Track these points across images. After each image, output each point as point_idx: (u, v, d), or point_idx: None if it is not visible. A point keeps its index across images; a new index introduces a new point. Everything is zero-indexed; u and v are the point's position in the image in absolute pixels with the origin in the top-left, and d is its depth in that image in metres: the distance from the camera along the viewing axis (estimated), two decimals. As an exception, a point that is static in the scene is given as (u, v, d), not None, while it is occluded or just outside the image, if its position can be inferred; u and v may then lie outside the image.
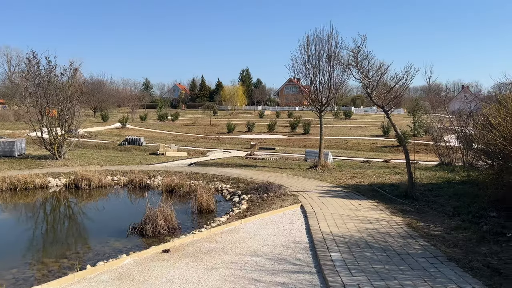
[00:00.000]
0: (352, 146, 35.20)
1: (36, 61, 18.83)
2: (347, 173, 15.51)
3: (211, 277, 5.76)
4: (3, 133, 32.39)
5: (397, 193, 11.30)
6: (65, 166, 16.90)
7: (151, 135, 42.65)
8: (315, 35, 16.11)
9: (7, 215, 11.25)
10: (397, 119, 35.54)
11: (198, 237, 7.68)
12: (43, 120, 18.70)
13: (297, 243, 7.30)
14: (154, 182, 14.43)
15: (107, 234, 8.98)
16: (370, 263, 6.14)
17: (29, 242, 8.78)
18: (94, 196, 13.35)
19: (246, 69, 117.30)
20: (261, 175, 14.76)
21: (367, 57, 11.80)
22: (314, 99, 16.77)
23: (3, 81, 76.86)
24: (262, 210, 9.79)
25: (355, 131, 47.02)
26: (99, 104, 66.32)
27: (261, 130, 49.46)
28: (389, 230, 7.96)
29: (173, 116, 63.77)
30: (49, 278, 6.37)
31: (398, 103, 12.94)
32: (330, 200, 10.64)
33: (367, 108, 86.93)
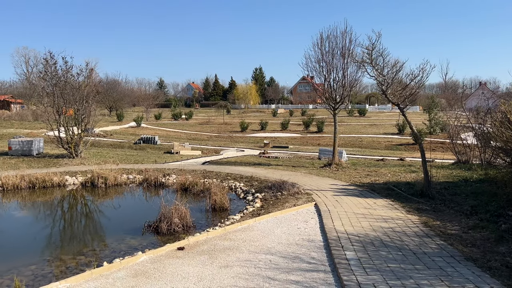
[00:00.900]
0: (366, 144, 34.89)
1: (53, 62, 19.17)
2: (361, 171, 15.38)
3: (225, 275, 5.79)
4: (22, 132, 33.09)
5: (413, 191, 11.15)
6: (81, 165, 17.18)
7: (165, 134, 43.03)
8: (329, 33, 16.03)
9: (26, 213, 11.51)
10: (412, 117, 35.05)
11: (212, 235, 7.73)
12: (60, 119, 19.02)
13: (311, 242, 7.28)
14: (169, 181, 14.56)
15: (123, 231, 9.11)
16: (386, 262, 6.08)
17: (47, 239, 8.97)
18: (110, 194, 13.55)
19: (259, 68, 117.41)
20: (274, 174, 14.76)
21: (381, 54, 11.68)
22: (328, 97, 16.67)
23: (22, 82, 78.40)
24: (275, 209, 9.78)
25: (369, 129, 46.58)
26: (114, 103, 67.22)
27: (274, 129, 49.41)
28: (404, 229, 7.87)
29: (187, 115, 64.22)
30: (67, 274, 6.50)
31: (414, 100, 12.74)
32: (345, 199, 10.57)
33: (382, 106, 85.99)
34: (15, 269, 6.77)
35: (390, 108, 78.24)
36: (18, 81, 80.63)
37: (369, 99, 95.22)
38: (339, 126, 18.91)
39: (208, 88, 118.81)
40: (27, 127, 39.40)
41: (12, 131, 35.24)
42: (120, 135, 39.26)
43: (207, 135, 45.50)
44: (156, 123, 56.52)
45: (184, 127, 52.63)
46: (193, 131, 48.46)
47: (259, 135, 44.18)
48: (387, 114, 69.38)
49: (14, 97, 68.91)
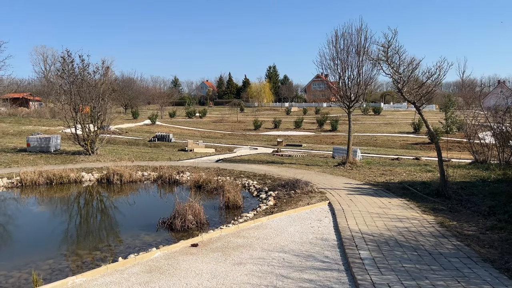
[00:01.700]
0: (381, 143, 34.51)
1: (70, 60, 19.49)
2: (376, 170, 15.23)
3: (238, 272, 5.80)
4: (40, 129, 33.75)
5: (429, 191, 10.99)
6: (97, 162, 17.43)
7: (179, 132, 43.33)
8: (344, 30, 15.90)
9: (43, 208, 11.73)
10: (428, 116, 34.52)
11: (225, 232, 7.75)
12: (77, 117, 19.34)
13: (325, 241, 7.24)
14: (183, 178, 14.66)
15: (137, 227, 9.21)
16: (401, 262, 6.01)
17: (64, 234, 9.13)
18: (125, 190, 13.71)
19: (273, 66, 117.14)
20: (288, 172, 14.72)
21: (397, 52, 11.52)
22: (343, 95, 16.55)
23: (40, 80, 79.91)
24: (289, 207, 9.76)
25: (384, 127, 46.06)
26: (129, 101, 67.98)
27: (287, 127, 49.28)
28: (420, 229, 7.76)
29: (201, 113, 64.55)
30: (83, 269, 6.61)
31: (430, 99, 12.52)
32: (359, 198, 10.48)
33: (397, 105, 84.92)
34: (33, 263, 6.91)
35: (406, 106, 77.27)
36: (37, 79, 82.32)
37: (384, 97, 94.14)
38: (353, 125, 18.75)
39: (222, 87, 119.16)
40: (45, 124, 40.16)
41: (30, 128, 35.98)
42: (135, 132, 39.70)
43: (220, 133, 45.65)
44: (170, 121, 56.97)
45: (198, 125, 52.92)
46: (206, 129, 48.68)
47: (273, 133, 44.12)
48: (403, 112, 68.49)
49: (32, 94, 70.36)
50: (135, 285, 5.39)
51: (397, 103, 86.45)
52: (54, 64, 74.10)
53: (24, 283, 6.12)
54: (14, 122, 41.02)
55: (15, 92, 66.76)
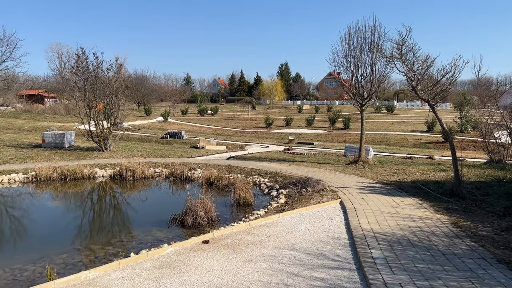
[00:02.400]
0: (394, 142, 34.16)
1: (84, 57, 19.71)
2: (389, 169, 15.08)
3: (249, 269, 5.81)
4: (54, 125, 34.27)
5: (442, 190, 10.84)
6: (110, 158, 17.63)
7: (191, 129, 43.54)
8: (357, 27, 15.75)
9: (58, 203, 11.91)
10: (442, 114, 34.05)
11: (236, 229, 7.77)
12: (90, 113, 19.58)
13: (336, 239, 7.20)
14: (194, 175, 14.73)
15: (149, 223, 9.29)
16: (413, 262, 5.94)
17: (78, 229, 9.25)
18: (137, 187, 13.84)
19: (285, 63, 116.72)
20: (299, 170, 14.68)
21: (412, 49, 11.36)
22: (355, 93, 16.41)
23: (55, 77, 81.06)
24: (300, 205, 9.73)
25: (397, 126, 45.58)
26: (142, 98, 68.51)
27: (299, 125, 49.12)
28: (433, 228, 7.66)
29: (213, 110, 64.74)
30: (95, 264, 6.70)
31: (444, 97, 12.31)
32: (371, 197, 10.40)
33: (411, 103, 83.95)
34: (47, 257, 7.02)
35: (420, 105, 76.35)
36: (52, 76, 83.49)
37: (397, 95, 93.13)
38: (366, 123, 18.59)
39: (234, 84, 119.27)
40: (60, 120, 40.76)
41: (45, 124, 36.56)
42: (147, 129, 40.02)
43: (232, 130, 45.73)
44: (182, 118, 57.27)
45: (210, 122, 53.10)
46: (218, 127, 48.81)
47: (284, 131, 44.02)
48: (416, 111, 67.67)
49: (47, 91, 71.44)
50: (146, 280, 5.44)
51: (411, 102, 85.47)
52: (69, 61, 75.16)
53: (39, 277, 6.23)
54: (30, 118, 41.73)
55: (30, 88, 67.92)
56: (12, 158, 16.83)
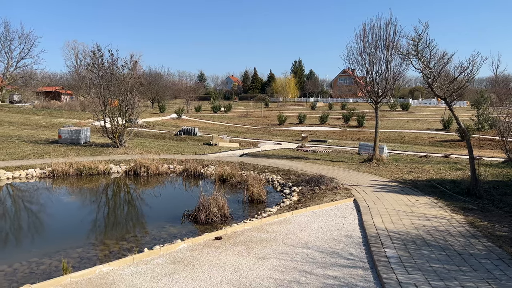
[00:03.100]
0: (409, 140, 33.73)
1: (100, 54, 19.93)
2: (403, 167, 14.89)
3: (262, 266, 5.80)
4: (71, 122, 34.82)
5: (458, 190, 10.66)
6: (125, 154, 17.82)
7: (205, 126, 43.73)
8: (372, 24, 15.55)
9: (73, 198, 12.11)
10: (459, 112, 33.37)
11: (249, 226, 7.77)
12: (105, 110, 19.80)
13: (350, 238, 7.14)
14: (208, 171, 14.80)
15: (163, 219, 9.36)
16: (428, 262, 5.85)
17: (93, 224, 9.39)
18: (151, 183, 13.97)
19: (298, 60, 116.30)
20: (312, 168, 14.61)
21: (428, 46, 11.16)
22: (370, 90, 16.23)
23: (71, 74, 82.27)
24: (313, 203, 9.68)
25: (412, 124, 44.99)
26: (156, 95, 69.09)
27: (312, 122, 48.89)
28: (449, 228, 7.54)
29: (226, 107, 64.88)
30: (110, 258, 6.78)
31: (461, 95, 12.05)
32: (385, 195, 10.28)
33: (426, 101, 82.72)
34: (63, 251, 7.14)
35: (436, 102, 75.18)
36: (68, 73, 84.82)
37: (412, 93, 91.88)
38: (380, 121, 18.39)
39: (247, 81, 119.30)
40: (76, 117, 41.39)
41: (62, 120, 37.19)
42: (161, 126, 40.35)
43: (245, 127, 45.77)
44: (196, 115, 57.55)
45: (223, 119, 53.24)
46: (231, 124, 48.91)
47: (297, 128, 43.87)
48: (432, 109, 66.66)
49: (64, 88, 72.64)
50: (160, 275, 5.49)
51: (426, 99, 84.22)
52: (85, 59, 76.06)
53: (55, 270, 6.33)
54: (47, 115, 42.49)
55: (48, 85, 69.15)
56: (29, 153, 17.16)
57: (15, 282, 5.93)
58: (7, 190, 12.58)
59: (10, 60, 49.14)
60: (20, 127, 31.11)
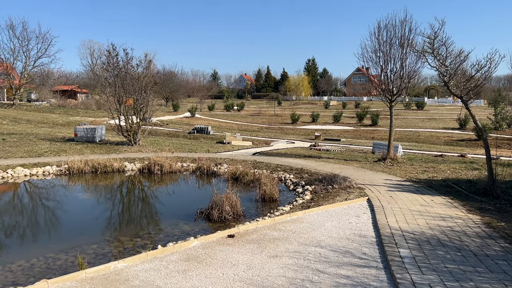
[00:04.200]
0: (424, 139, 33.28)
1: (115, 54, 20.19)
2: (418, 167, 14.70)
3: (274, 265, 5.80)
4: (86, 120, 35.35)
5: (475, 190, 10.48)
6: (139, 152, 18.02)
7: (218, 125, 43.90)
8: (387, 22, 15.35)
9: (89, 195, 12.30)
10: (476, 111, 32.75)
11: (262, 225, 7.78)
12: (120, 108, 20.04)
13: (363, 237, 7.09)
14: (220, 170, 14.85)
15: (176, 217, 9.45)
16: (443, 262, 5.77)
17: (107, 221, 9.52)
18: (165, 180, 14.09)
19: (312, 59, 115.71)
20: (325, 167, 14.53)
21: (444, 44, 10.98)
22: (384, 88, 16.05)
23: (87, 73, 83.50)
24: (326, 202, 9.64)
25: (428, 123, 44.37)
26: (170, 94, 69.64)
27: (326, 121, 48.63)
28: (464, 228, 7.41)
29: (239, 106, 65.01)
30: (124, 255, 6.88)
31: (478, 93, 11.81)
32: (399, 195, 10.17)
33: (442, 99, 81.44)
34: (79, 247, 7.27)
35: (452, 101, 74.00)
36: (84, 72, 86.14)
37: (428, 91, 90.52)
38: (395, 120, 18.18)
39: (260, 80, 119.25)
40: (91, 115, 42.00)
41: (77, 119, 37.77)
42: (175, 124, 40.65)
43: (257, 126, 45.78)
44: (209, 113, 57.82)
45: (236, 118, 53.36)
46: (244, 122, 48.98)
47: (310, 127, 43.69)
48: (448, 107, 65.62)
49: (80, 87, 73.77)
50: (173, 272, 5.54)
51: (442, 98, 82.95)
52: (100, 58, 77.19)
53: (71, 266, 6.45)
54: (63, 113, 43.22)
55: (64, 84, 70.22)
56: (46, 151, 17.49)
57: (32, 277, 6.06)
58: (24, 187, 12.85)
59: (28, 59, 50.09)
60: (37, 125, 31.72)
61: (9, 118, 33.91)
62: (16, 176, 13.55)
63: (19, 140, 20.52)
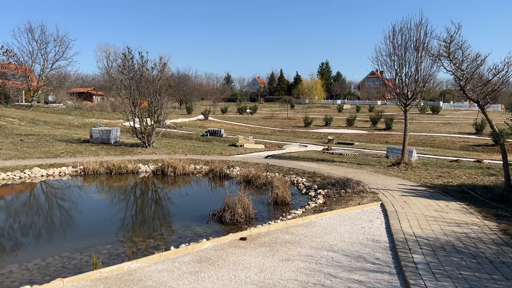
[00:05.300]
0: (439, 144, 32.81)
1: (130, 57, 20.46)
2: (433, 172, 14.51)
3: (286, 268, 5.80)
4: (101, 122, 35.88)
5: (491, 196, 10.29)
6: (153, 154, 18.20)
7: (230, 127, 44.05)
8: (402, 25, 15.22)
9: (103, 196, 12.47)
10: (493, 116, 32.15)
11: (274, 228, 7.78)
12: (135, 111, 20.29)
13: (376, 242, 7.02)
14: (233, 172, 14.90)
15: (189, 218, 9.51)
16: (458, 269, 5.68)
17: (121, 222, 9.64)
18: (178, 182, 14.20)
19: (325, 62, 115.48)
20: (338, 171, 14.45)
21: (461, 47, 10.86)
22: (399, 92, 15.90)
23: (103, 75, 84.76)
24: (339, 206, 9.58)
25: (443, 127, 43.76)
26: (184, 97, 70.21)
27: (339, 125, 48.37)
28: (480, 235, 7.29)
29: (252, 109, 65.14)
30: (137, 255, 6.95)
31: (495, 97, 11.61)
32: (414, 200, 10.05)
33: (458, 104, 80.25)
34: (93, 247, 7.37)
35: (468, 106, 72.86)
36: (100, 75, 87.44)
37: (443, 96, 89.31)
38: (409, 124, 17.99)
39: (273, 83, 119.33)
40: (106, 117, 42.60)
41: (93, 120, 38.35)
42: (188, 127, 40.94)
43: (270, 129, 45.78)
44: (222, 116, 58.07)
45: (249, 121, 53.46)
46: (257, 125, 49.05)
47: (323, 130, 43.50)
48: (464, 112, 64.60)
49: (96, 89, 74.94)
50: (185, 274, 5.58)
51: (458, 102, 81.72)
52: (116, 61, 78.22)
53: (85, 265, 6.55)
54: (79, 115, 43.94)
55: (80, 86, 71.61)
56: (63, 152, 17.80)
57: (48, 275, 6.17)
58: (41, 187, 13.10)
59: (46, 62, 51.20)
60: (54, 126, 32.32)
61: (27, 119, 34.63)
62: (33, 176, 13.82)
63: (36, 141, 20.93)
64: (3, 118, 32.34)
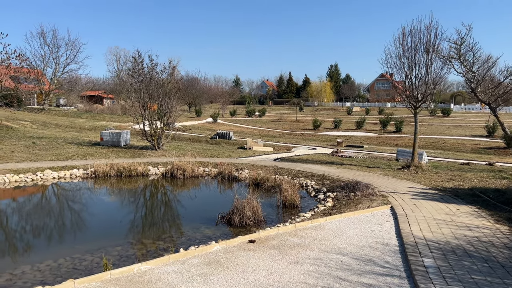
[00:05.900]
0: (450, 147, 32.46)
1: (140, 60, 20.65)
2: (443, 175, 14.37)
3: (295, 271, 5.79)
4: (112, 125, 36.21)
5: (503, 199, 10.16)
6: (163, 157, 18.32)
7: (239, 130, 44.12)
8: (412, 27, 15.11)
9: (114, 198, 12.58)
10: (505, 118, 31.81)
11: (282, 231, 7.77)
12: (145, 114, 20.45)
13: (386, 245, 6.98)
14: (242, 175, 14.93)
15: (198, 221, 9.55)
16: (469, 273, 5.62)
17: (131, 224, 9.72)
18: (187, 185, 14.27)
19: (335, 65, 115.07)
20: (347, 173, 14.39)
21: (471, 49, 10.79)
22: (409, 94, 15.79)
23: (113, 79, 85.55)
24: (348, 209, 9.54)
25: (454, 130, 43.28)
26: (193, 100, 70.56)
27: (348, 127, 48.14)
28: (492, 239, 7.20)
29: (260, 112, 65.20)
30: (147, 257, 7.00)
31: (507, 100, 11.48)
32: (424, 203, 9.97)
33: (469, 106, 79.32)
34: (104, 249, 7.44)
35: (479, 108, 71.96)
36: (110, 78, 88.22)
37: (454, 98, 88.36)
38: (419, 126, 17.85)
39: (282, 86, 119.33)
40: (116, 120, 42.98)
41: (103, 123, 38.73)
42: (198, 130, 41.11)
43: (279, 132, 45.75)
44: (231, 119, 58.20)
45: (257, 123, 53.50)
46: (265, 128, 49.06)
47: (332, 133, 43.34)
48: (475, 114, 63.85)
49: (106, 92, 75.69)
50: (195, 276, 5.60)
51: (469, 104, 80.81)
52: (126, 64, 78.92)
53: (96, 267, 6.62)
54: (90, 118, 44.42)
55: (91, 90, 72.29)
56: (74, 154, 18.01)
57: (59, 276, 6.25)
58: (52, 189, 13.27)
59: (58, 66, 51.86)
60: (65, 129, 32.72)
61: (39, 123, 35.11)
62: (45, 179, 14.01)
63: (48, 144, 21.21)
64: (16, 121, 32.84)
